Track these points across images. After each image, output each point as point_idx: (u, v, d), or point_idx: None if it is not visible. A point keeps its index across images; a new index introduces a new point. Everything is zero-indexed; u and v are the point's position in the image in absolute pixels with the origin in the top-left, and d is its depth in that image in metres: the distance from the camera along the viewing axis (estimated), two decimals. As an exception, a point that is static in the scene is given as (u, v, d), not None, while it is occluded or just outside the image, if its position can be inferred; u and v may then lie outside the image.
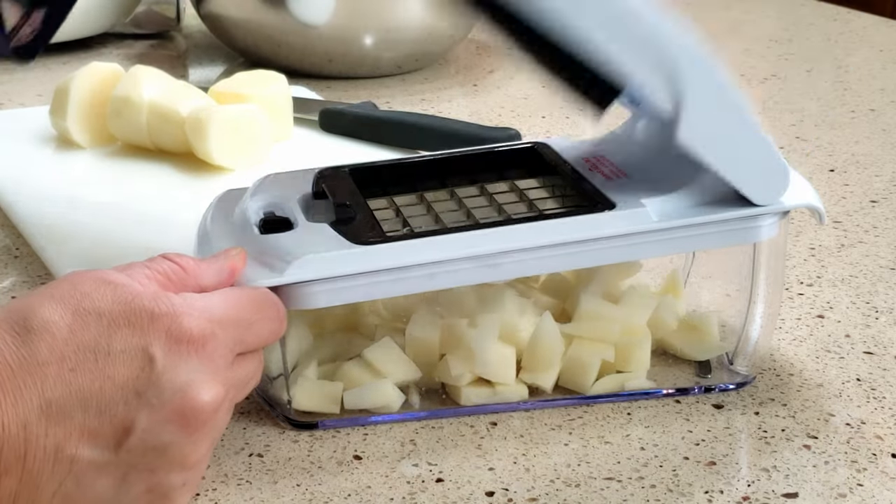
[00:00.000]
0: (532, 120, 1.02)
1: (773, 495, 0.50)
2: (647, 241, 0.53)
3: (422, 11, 1.10)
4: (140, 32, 1.28)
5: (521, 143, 0.62)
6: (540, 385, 0.56)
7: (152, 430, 0.43)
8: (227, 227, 0.55)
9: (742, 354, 0.58)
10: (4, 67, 1.14)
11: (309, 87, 1.02)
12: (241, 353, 0.47)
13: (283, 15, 1.08)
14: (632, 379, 0.57)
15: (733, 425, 0.55)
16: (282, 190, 0.57)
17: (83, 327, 0.43)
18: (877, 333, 0.64)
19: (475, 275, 0.53)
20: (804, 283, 0.70)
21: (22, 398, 0.41)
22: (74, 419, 0.42)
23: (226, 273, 0.49)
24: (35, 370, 0.41)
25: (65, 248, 0.69)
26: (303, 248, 0.51)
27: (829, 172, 0.90)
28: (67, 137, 0.85)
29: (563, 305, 0.59)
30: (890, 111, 1.06)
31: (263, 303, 0.48)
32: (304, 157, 0.84)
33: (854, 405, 0.57)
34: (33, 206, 0.75)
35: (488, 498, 0.49)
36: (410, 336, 0.55)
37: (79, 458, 0.42)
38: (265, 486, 0.50)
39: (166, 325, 0.44)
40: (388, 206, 0.58)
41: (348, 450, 0.53)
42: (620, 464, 0.52)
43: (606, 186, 0.55)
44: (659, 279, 0.62)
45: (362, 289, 0.52)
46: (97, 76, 0.84)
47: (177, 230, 0.65)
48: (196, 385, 0.44)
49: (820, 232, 0.78)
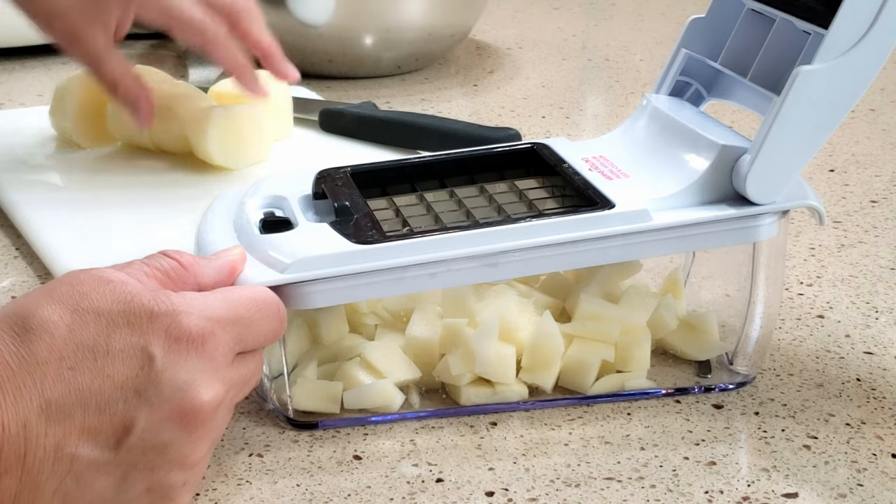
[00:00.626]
0: (532, 120, 1.02)
1: (773, 495, 0.50)
2: (647, 240, 0.53)
3: (422, 11, 1.10)
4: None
5: (521, 144, 0.62)
6: (540, 385, 0.56)
7: (152, 429, 0.43)
8: (227, 227, 0.55)
9: (742, 354, 0.58)
10: (4, 67, 1.14)
11: (309, 87, 1.02)
12: (242, 352, 0.47)
13: (283, 15, 1.08)
14: (632, 379, 0.57)
15: (733, 425, 0.55)
16: (282, 190, 0.57)
17: (82, 326, 0.43)
18: (877, 333, 0.64)
19: (475, 275, 0.53)
20: (804, 283, 0.70)
21: (22, 398, 0.41)
22: (74, 418, 0.42)
23: (226, 271, 0.49)
24: (34, 370, 0.41)
25: (65, 248, 0.69)
26: (303, 248, 0.51)
27: (829, 172, 0.90)
28: (67, 137, 0.85)
29: (563, 305, 0.59)
30: (890, 111, 1.07)
31: (263, 302, 0.48)
32: (304, 157, 0.85)
33: (854, 405, 0.57)
34: (33, 206, 0.75)
35: (488, 498, 0.49)
36: (410, 336, 0.55)
37: (79, 457, 0.42)
38: (265, 486, 0.50)
39: (166, 323, 0.44)
40: (388, 206, 0.58)
41: (348, 450, 0.53)
42: (620, 464, 0.52)
43: (606, 186, 0.55)
44: (659, 279, 0.62)
45: (362, 289, 0.52)
46: (97, 76, 0.84)
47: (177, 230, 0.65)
48: (196, 384, 0.44)
49: (820, 232, 0.78)
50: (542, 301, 0.59)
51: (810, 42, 0.53)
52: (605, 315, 0.57)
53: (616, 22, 1.45)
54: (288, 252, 0.51)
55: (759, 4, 0.57)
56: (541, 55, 1.26)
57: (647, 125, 0.60)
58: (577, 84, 1.15)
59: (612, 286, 0.59)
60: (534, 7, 1.51)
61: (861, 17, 0.51)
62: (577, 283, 0.59)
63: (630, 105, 1.08)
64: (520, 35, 1.35)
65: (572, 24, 1.42)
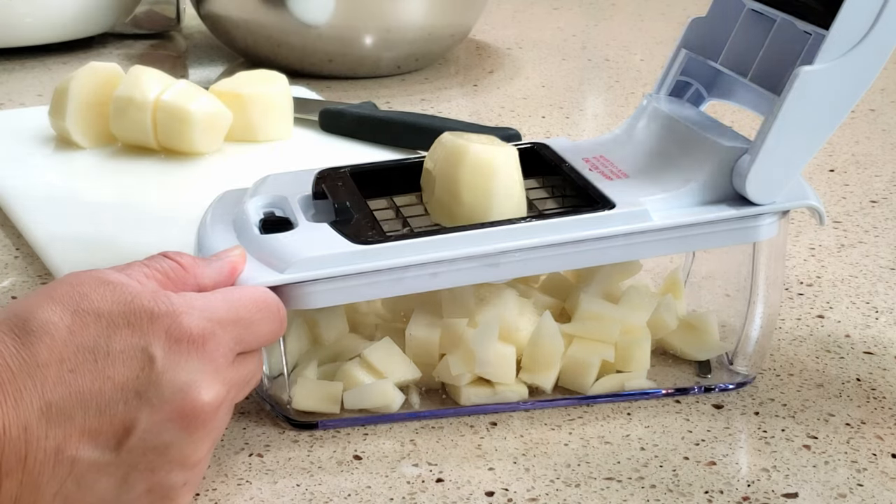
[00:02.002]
0: (532, 120, 1.02)
1: (773, 495, 0.50)
2: (647, 240, 0.54)
3: (422, 11, 1.10)
4: (140, 32, 1.28)
5: (521, 144, 0.62)
6: (540, 385, 0.56)
7: (153, 430, 0.43)
8: (227, 227, 0.55)
9: (742, 354, 0.58)
10: (4, 67, 1.14)
11: (309, 87, 1.02)
12: (242, 352, 0.47)
13: (283, 15, 1.08)
14: (632, 379, 0.57)
15: (733, 425, 0.55)
16: (282, 190, 0.57)
17: (82, 328, 0.43)
18: (877, 333, 0.64)
19: (475, 275, 0.53)
20: (804, 283, 0.70)
21: (22, 400, 0.41)
22: (75, 420, 0.42)
23: (226, 272, 0.49)
24: (35, 372, 0.41)
25: (65, 248, 0.69)
26: (303, 248, 0.51)
27: (829, 172, 0.90)
28: (67, 137, 0.85)
29: (563, 305, 0.59)
30: (890, 111, 1.07)
31: (263, 302, 0.48)
32: (304, 157, 0.85)
33: (854, 405, 0.57)
34: (33, 206, 0.75)
35: (488, 498, 0.49)
36: (410, 336, 0.55)
37: (79, 458, 0.42)
38: (265, 486, 0.50)
39: (166, 324, 0.44)
40: (388, 206, 0.58)
41: (348, 450, 0.53)
42: (620, 464, 0.52)
43: (606, 186, 0.55)
44: (659, 279, 0.62)
45: (362, 289, 0.52)
46: (96, 76, 0.85)
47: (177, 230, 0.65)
48: (196, 385, 0.44)
49: (820, 232, 0.78)
50: (542, 301, 0.59)
51: (811, 42, 0.53)
52: (605, 315, 0.57)
53: (616, 22, 1.45)
54: (288, 252, 0.51)
55: (759, 4, 0.57)
56: (541, 55, 1.26)
57: (647, 125, 0.60)
58: (577, 84, 1.15)
59: (612, 286, 0.59)
60: (534, 7, 1.51)
61: (862, 17, 0.51)
62: (577, 283, 0.59)
63: (630, 105, 1.08)
64: (520, 35, 1.35)
65: (572, 24, 1.42)
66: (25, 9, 1.13)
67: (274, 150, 0.85)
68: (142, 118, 0.82)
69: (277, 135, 0.87)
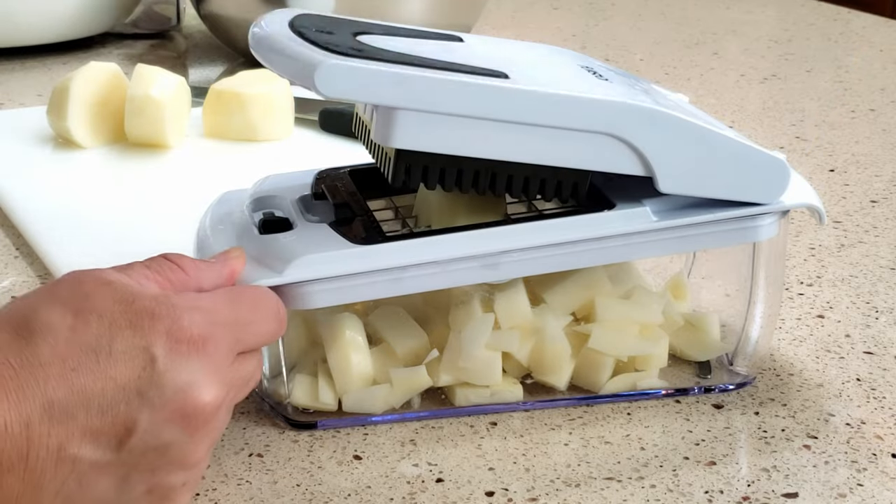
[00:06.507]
0: (532, 120, 1.01)
1: (773, 495, 0.50)
2: (647, 240, 0.53)
3: (422, 11, 1.10)
4: (140, 32, 1.28)
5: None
6: (553, 384, 0.56)
7: (153, 430, 0.43)
8: (226, 227, 0.55)
9: (742, 355, 0.58)
10: (4, 67, 1.14)
11: (309, 87, 1.02)
12: (242, 352, 0.47)
13: (283, 15, 1.07)
14: (644, 378, 0.57)
15: (733, 425, 0.55)
16: (281, 190, 0.57)
17: (84, 328, 0.43)
18: (877, 333, 0.64)
19: (475, 275, 0.53)
20: (804, 283, 0.70)
21: (24, 398, 0.41)
22: (77, 419, 0.42)
23: (225, 274, 0.49)
24: (37, 371, 0.41)
25: (65, 248, 0.69)
26: (302, 248, 0.51)
27: (829, 172, 0.90)
28: (65, 137, 0.85)
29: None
30: (890, 111, 1.07)
31: (263, 302, 0.48)
32: (304, 157, 0.85)
33: (854, 405, 0.57)
34: (33, 206, 0.75)
35: (488, 498, 0.49)
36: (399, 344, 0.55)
37: (81, 458, 0.42)
38: (265, 486, 0.50)
39: (167, 325, 0.44)
40: (388, 206, 0.58)
41: (348, 450, 0.53)
42: (620, 464, 0.52)
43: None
44: (660, 280, 0.62)
45: (362, 289, 0.52)
46: (96, 76, 0.85)
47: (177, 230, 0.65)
48: (197, 385, 0.44)
49: (820, 232, 0.78)
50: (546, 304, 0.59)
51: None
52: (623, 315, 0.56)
53: (616, 22, 1.45)
54: (287, 252, 0.51)
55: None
56: (541, 55, 1.26)
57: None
58: (577, 84, 1.15)
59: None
60: (534, 7, 1.51)
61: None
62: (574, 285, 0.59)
63: (630, 105, 1.08)
64: (520, 35, 1.35)
65: (572, 24, 1.42)
66: (25, 9, 1.13)
67: (274, 150, 0.85)
68: (158, 116, 0.82)
69: (277, 135, 0.87)
